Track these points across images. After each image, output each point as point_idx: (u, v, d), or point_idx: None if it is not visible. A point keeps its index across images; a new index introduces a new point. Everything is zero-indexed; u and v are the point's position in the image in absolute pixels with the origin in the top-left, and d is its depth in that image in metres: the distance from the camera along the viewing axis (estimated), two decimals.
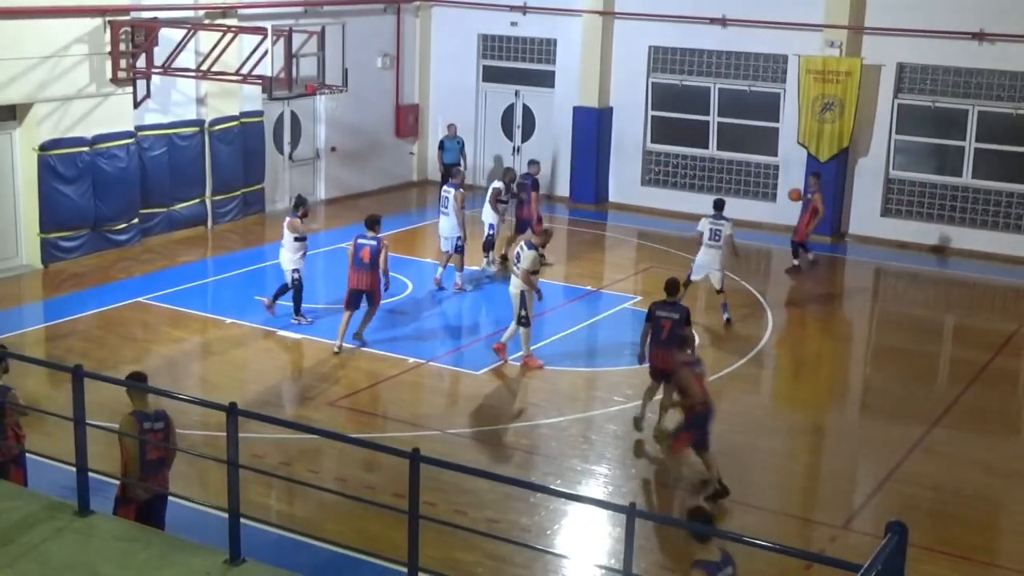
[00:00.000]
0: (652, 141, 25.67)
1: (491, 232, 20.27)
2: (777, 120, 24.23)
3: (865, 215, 23.62)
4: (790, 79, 23.74)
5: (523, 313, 15.80)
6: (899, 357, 17.48)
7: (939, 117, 22.85)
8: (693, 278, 17.90)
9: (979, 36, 21.88)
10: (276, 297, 17.38)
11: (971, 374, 16.52)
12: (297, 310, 17.24)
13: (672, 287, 13.79)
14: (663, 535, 11.20)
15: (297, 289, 17.11)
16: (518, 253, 15.99)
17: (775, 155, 24.33)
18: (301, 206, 17.26)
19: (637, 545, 7.43)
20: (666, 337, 13.39)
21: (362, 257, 16.16)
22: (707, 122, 24.97)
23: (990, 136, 22.53)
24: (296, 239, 16.95)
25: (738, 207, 21.78)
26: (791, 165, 23.86)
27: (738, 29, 24.01)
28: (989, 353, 17.33)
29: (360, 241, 16.25)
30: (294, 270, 17.00)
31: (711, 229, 17.76)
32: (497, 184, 20.57)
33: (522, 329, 15.89)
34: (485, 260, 20.35)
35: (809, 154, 23.40)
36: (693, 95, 25.03)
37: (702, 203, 24.85)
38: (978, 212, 22.91)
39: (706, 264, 17.82)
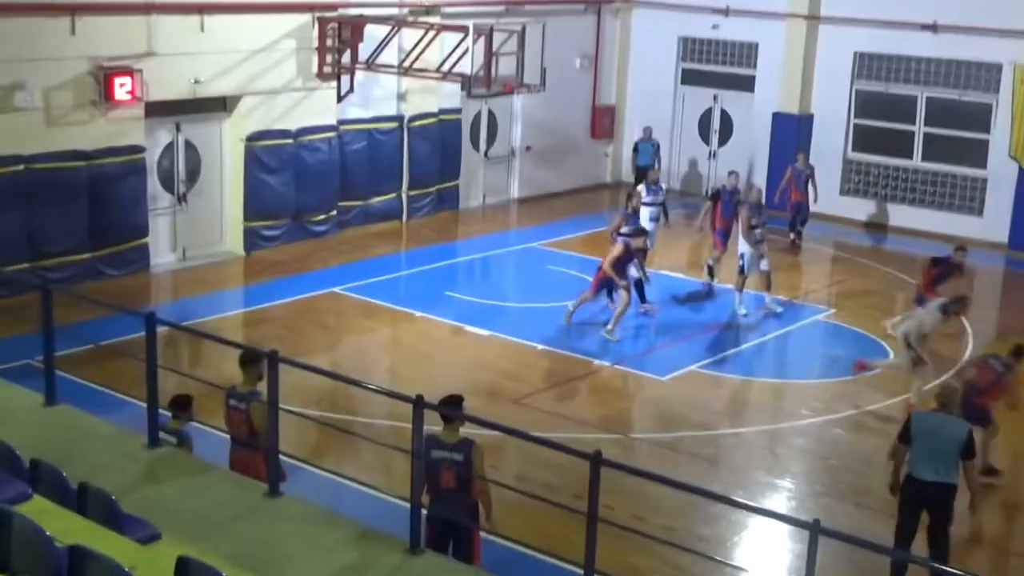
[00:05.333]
0: (853, 150, 24.99)
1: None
2: (987, 131, 23.27)
3: None
4: (1003, 88, 22.76)
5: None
6: None
7: None
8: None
9: None
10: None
11: None
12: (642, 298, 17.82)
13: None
14: (847, 555, 10.87)
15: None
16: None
17: (983, 167, 23.37)
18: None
19: (819, 563, 7.22)
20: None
21: None
22: (912, 131, 24.18)
23: None
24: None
25: (938, 220, 20.88)
26: (1000, 179, 22.87)
27: (950, 36, 23.12)
28: None
29: None
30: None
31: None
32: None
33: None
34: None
35: (1021, 167, 22.40)
36: (898, 103, 24.27)
37: (901, 215, 24.20)
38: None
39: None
